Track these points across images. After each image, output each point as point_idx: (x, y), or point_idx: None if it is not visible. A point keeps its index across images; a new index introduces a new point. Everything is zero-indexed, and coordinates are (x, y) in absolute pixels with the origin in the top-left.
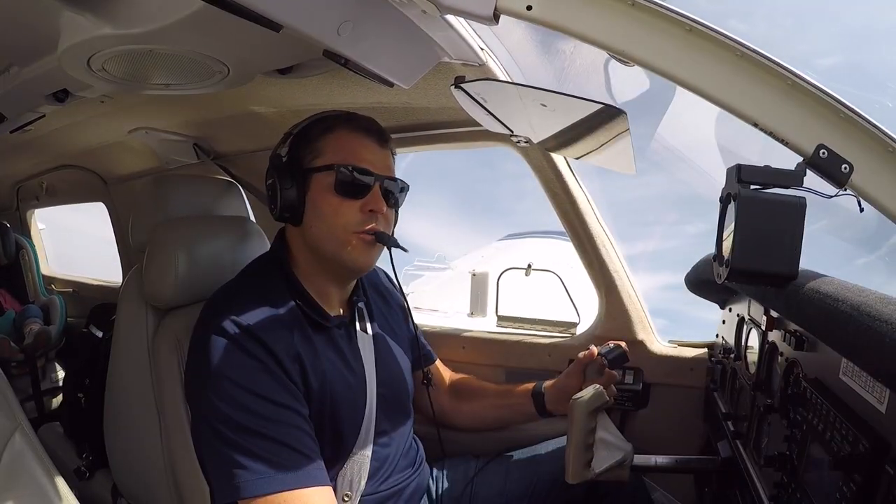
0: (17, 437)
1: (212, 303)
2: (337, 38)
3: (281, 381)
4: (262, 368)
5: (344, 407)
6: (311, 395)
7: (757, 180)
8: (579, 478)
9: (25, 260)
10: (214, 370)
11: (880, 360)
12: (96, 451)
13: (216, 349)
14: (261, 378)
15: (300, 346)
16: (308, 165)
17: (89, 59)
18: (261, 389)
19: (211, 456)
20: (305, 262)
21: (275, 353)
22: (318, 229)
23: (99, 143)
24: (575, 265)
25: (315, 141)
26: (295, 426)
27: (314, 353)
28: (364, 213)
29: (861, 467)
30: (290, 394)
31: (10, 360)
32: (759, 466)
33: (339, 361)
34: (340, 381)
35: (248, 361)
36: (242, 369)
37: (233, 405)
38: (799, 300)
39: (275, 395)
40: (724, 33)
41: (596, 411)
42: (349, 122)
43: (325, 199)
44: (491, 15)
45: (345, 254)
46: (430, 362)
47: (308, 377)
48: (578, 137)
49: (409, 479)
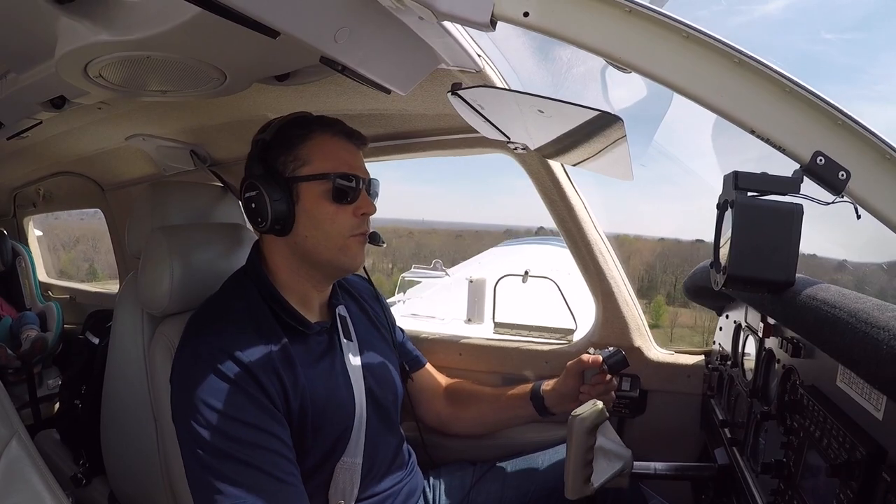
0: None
1: (192, 322)
2: (334, 44)
3: (259, 403)
4: (240, 391)
5: (328, 413)
6: (291, 408)
7: (754, 187)
8: (579, 494)
9: (22, 267)
10: (193, 395)
11: (877, 367)
12: (93, 458)
13: (194, 374)
14: (238, 401)
15: (279, 360)
16: (293, 174)
17: (86, 65)
18: (238, 413)
19: (193, 479)
20: (287, 271)
21: (253, 371)
22: (315, 238)
23: (96, 150)
24: (572, 272)
25: (295, 149)
26: (273, 451)
27: (293, 365)
28: (357, 216)
29: (858, 474)
30: (268, 415)
31: (6, 367)
32: (755, 473)
33: (321, 369)
34: (322, 389)
35: (225, 386)
36: (220, 393)
37: (210, 430)
38: (796, 307)
39: (252, 418)
40: (722, 40)
41: (595, 428)
42: (327, 126)
43: (321, 208)
44: (488, 21)
45: (343, 257)
46: (419, 367)
47: (287, 391)
48: (576, 144)
49: (401, 482)
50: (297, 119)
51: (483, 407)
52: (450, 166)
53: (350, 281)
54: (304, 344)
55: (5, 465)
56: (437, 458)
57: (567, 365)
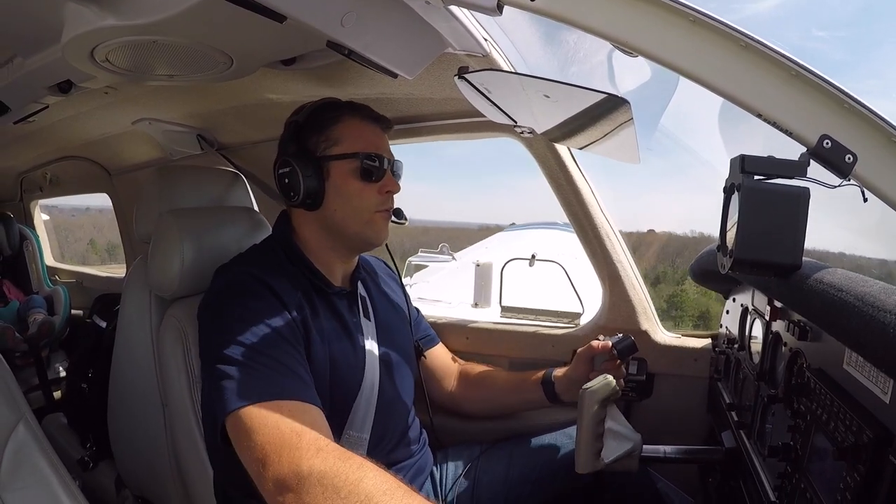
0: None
1: (223, 267)
2: (340, 28)
3: (289, 324)
4: (273, 307)
5: (339, 372)
6: (312, 353)
7: (760, 170)
8: (589, 467)
9: (29, 251)
10: (228, 303)
11: (884, 350)
12: (100, 442)
13: (232, 290)
14: (271, 313)
15: (304, 301)
16: (324, 153)
17: (93, 49)
18: (270, 321)
19: (212, 382)
20: (316, 241)
21: (282, 298)
22: (343, 212)
23: (103, 134)
24: (579, 256)
25: (327, 130)
26: (296, 360)
27: (315, 311)
28: (382, 194)
29: (865, 457)
30: (294, 337)
31: (14, 351)
32: (762, 457)
33: (339, 326)
34: (339, 343)
35: (260, 301)
36: (255, 302)
37: (238, 331)
38: (803, 290)
39: (282, 330)
40: (728, 24)
41: (606, 401)
42: (356, 111)
43: (349, 184)
44: (494, 6)
45: (368, 230)
46: (432, 345)
47: (310, 331)
48: (582, 128)
49: (410, 458)
50: (329, 103)
51: (494, 389)
52: (425, 160)
53: (369, 261)
54: (327, 301)
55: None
56: (444, 439)
57: (577, 351)
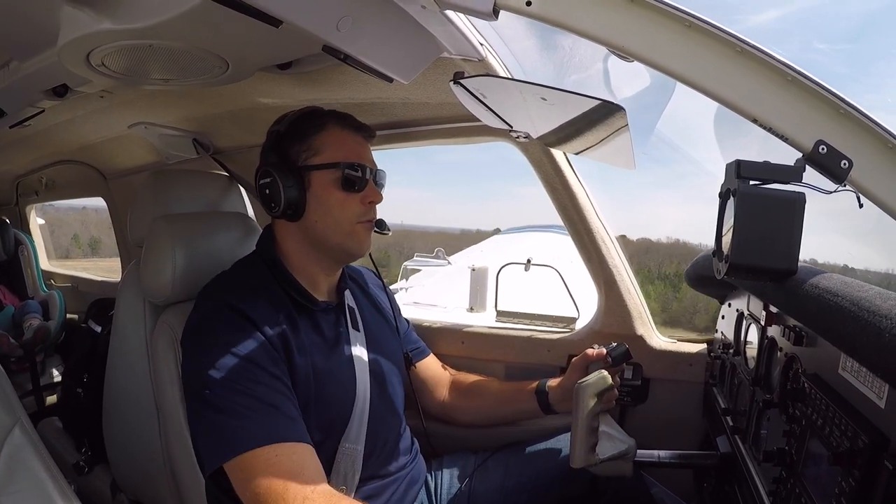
0: (16, 432)
1: (203, 292)
2: (336, 33)
3: (267, 351)
4: (250, 337)
5: (329, 386)
6: (296, 372)
7: (756, 176)
8: (584, 462)
9: (24, 255)
10: (205, 341)
11: (879, 355)
12: (95, 446)
13: (207, 325)
14: (248, 345)
15: (286, 325)
16: (305, 163)
17: (89, 53)
18: (248, 354)
19: (199, 426)
20: (298, 254)
21: (259, 325)
22: (324, 222)
23: (98, 138)
24: (575, 260)
25: (308, 139)
26: (279, 392)
27: (296, 329)
28: (364, 204)
29: (860, 462)
30: (274, 363)
31: (9, 356)
32: (757, 461)
33: (325, 345)
34: (325, 363)
35: (236, 334)
36: (231, 336)
37: (220, 369)
38: (798, 295)
39: (261, 361)
40: (724, 29)
41: (601, 395)
42: (340, 119)
43: (331, 195)
44: (490, 10)
45: (350, 241)
46: (422, 357)
47: (293, 356)
48: (578, 133)
49: (403, 469)
50: (310, 112)
51: (487, 399)
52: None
53: (356, 270)
54: (311, 319)
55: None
56: (438, 447)
57: (572, 361)
